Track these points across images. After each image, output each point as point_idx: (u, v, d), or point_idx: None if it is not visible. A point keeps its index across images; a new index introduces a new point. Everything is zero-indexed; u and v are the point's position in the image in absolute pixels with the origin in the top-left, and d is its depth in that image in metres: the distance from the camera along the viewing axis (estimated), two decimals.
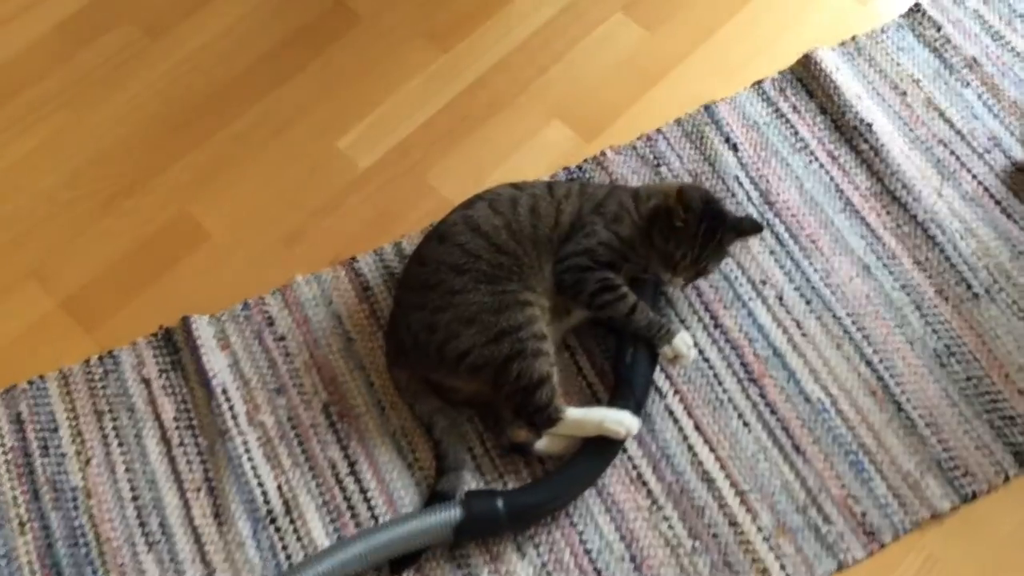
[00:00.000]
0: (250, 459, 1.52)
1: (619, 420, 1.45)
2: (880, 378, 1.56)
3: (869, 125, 1.77)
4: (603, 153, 1.79)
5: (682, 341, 1.50)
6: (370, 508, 1.50)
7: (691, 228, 1.49)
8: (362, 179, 1.80)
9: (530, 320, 1.45)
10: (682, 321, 1.62)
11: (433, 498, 1.46)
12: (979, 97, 1.82)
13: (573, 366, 1.59)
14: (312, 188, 1.80)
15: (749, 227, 1.58)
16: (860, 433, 1.52)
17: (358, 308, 1.65)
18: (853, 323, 1.61)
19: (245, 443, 1.53)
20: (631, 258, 1.53)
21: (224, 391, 1.57)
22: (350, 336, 1.63)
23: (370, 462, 1.52)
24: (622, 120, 1.83)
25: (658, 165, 1.78)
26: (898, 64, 1.87)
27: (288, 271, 1.69)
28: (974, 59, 1.87)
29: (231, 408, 1.56)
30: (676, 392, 1.56)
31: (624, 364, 1.51)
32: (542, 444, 1.47)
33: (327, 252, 1.71)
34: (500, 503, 1.42)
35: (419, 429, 1.54)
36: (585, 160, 1.78)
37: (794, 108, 1.82)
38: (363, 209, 1.77)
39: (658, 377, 1.56)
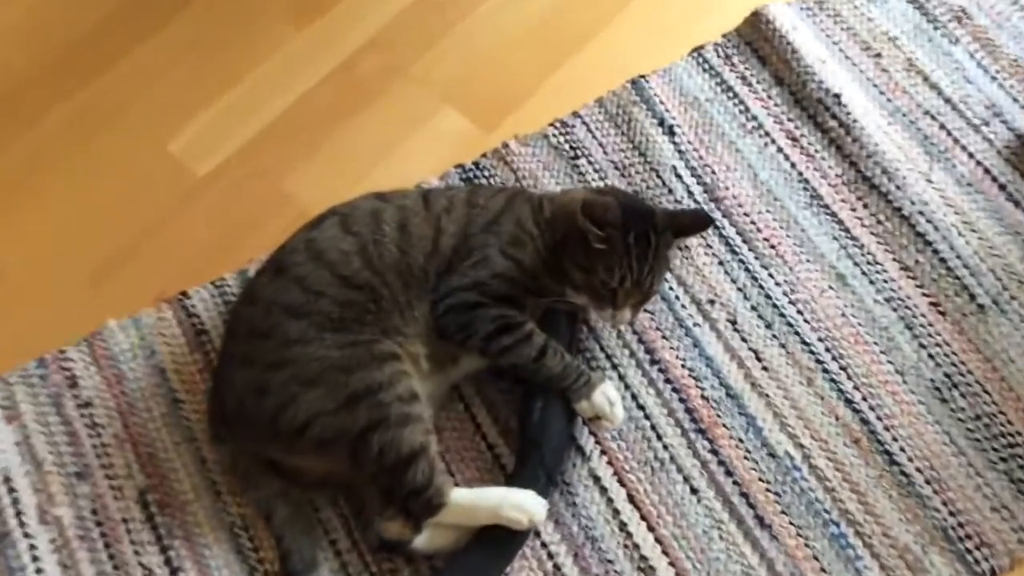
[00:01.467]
0: (39, 569, 1.32)
1: (520, 504, 1.26)
2: (864, 421, 1.41)
3: (837, 96, 1.63)
4: (506, 145, 1.63)
5: (603, 395, 1.35)
6: None
7: (617, 244, 1.32)
8: (199, 190, 1.64)
9: (393, 379, 1.26)
10: (609, 357, 1.44)
11: None
12: (971, 56, 1.68)
13: (469, 423, 1.41)
14: (134, 205, 1.63)
15: (690, 222, 1.41)
16: (842, 497, 1.36)
17: (189, 359, 1.46)
18: (827, 350, 1.46)
19: (33, 548, 1.34)
20: (535, 290, 1.35)
21: (7, 479, 1.38)
22: (177, 397, 1.44)
23: (199, 567, 1.32)
24: (530, 104, 1.68)
25: (576, 157, 1.61)
26: (870, 19, 1.72)
27: (98, 314, 1.50)
28: (963, 9, 1.73)
29: (15, 502, 1.37)
30: (603, 452, 1.39)
31: (531, 422, 1.33)
32: (423, 539, 1.28)
33: (150, 287, 1.53)
34: None
35: None
36: (484, 155, 1.63)
37: (743, 79, 1.67)
38: (200, 229, 1.60)
39: (580, 433, 1.39)
